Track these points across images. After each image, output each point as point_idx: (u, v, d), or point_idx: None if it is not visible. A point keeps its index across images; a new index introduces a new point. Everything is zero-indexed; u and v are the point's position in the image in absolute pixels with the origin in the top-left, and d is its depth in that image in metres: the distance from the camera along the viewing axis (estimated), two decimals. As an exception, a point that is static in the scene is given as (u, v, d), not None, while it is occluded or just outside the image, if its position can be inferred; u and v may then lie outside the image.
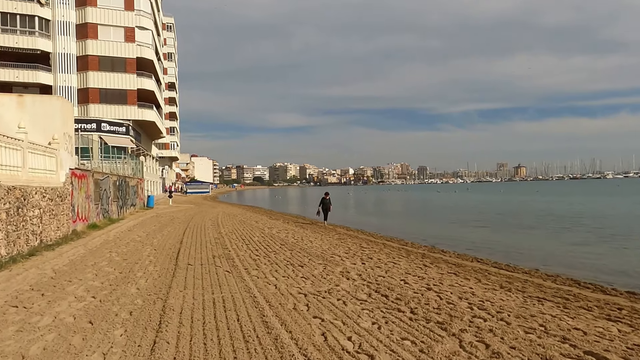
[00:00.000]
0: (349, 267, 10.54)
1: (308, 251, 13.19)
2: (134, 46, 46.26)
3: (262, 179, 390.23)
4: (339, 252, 13.23)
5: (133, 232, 18.27)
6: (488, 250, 16.13)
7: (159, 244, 14.52)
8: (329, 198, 23.60)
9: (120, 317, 6.36)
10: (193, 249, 13.49)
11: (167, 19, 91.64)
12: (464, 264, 12.01)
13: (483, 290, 8.33)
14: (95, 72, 44.72)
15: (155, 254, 12.39)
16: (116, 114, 45.11)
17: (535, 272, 11.20)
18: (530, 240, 19.37)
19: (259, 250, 13.19)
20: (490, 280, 9.53)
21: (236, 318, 6.29)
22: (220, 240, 15.57)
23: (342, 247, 14.51)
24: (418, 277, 9.51)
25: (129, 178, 30.84)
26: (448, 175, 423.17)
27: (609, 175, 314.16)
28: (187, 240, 15.65)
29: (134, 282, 8.73)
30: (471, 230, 23.54)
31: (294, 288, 8.24)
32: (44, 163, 13.98)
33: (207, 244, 14.54)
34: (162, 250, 13.23)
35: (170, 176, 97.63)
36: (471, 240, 19.04)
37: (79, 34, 44.24)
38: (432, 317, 6.40)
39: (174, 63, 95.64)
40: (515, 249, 16.44)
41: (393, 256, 12.75)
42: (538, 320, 6.35)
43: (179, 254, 12.42)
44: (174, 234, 17.62)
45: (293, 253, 12.78)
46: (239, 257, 11.93)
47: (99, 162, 27.98)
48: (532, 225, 25.71)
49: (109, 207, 23.72)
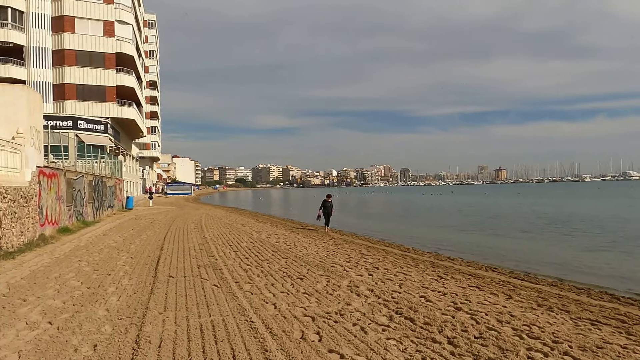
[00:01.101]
0: (355, 279, 9.20)
1: (305, 259, 11.81)
2: (114, 41, 44.34)
3: (245, 180, 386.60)
4: (339, 260, 11.88)
5: (108, 237, 16.67)
6: (496, 257, 14.96)
7: (137, 251, 12.99)
8: (331, 201, 20.92)
9: (81, 354, 4.92)
10: (175, 256, 12.01)
11: (148, 16, 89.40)
12: (480, 274, 10.76)
13: (520, 310, 7.06)
14: (72, 67, 42.68)
15: (131, 263, 10.89)
16: (94, 111, 43.12)
17: (561, 284, 10.01)
18: (535, 245, 18.30)
19: (250, 259, 11.76)
20: (521, 295, 8.27)
21: (231, 355, 4.90)
22: (205, 247, 14.09)
23: (340, 254, 13.16)
24: (438, 292, 8.21)
25: (107, 178, 29.07)
26: (430, 177, 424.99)
27: (587, 178, 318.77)
28: (169, 246, 14.14)
29: (104, 300, 7.27)
30: (469, 235, 22.42)
31: (298, 308, 6.87)
32: (4, 159, 12.35)
33: (190, 251, 13.06)
34: (139, 258, 11.73)
35: (151, 177, 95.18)
36: (474, 246, 17.89)
37: (55, 27, 42.16)
38: (480, 351, 5.09)
39: (156, 61, 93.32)
40: (524, 255, 15.30)
41: (400, 265, 11.44)
42: (610, 355, 5.10)
43: (159, 262, 10.94)
44: (153, 239, 16.08)
45: (288, 262, 11.39)
46: (227, 266, 10.50)
47: (75, 161, 26.29)
48: (529, 229, 24.72)
49: (84, 209, 22.01)
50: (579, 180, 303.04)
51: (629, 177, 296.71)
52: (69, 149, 27.08)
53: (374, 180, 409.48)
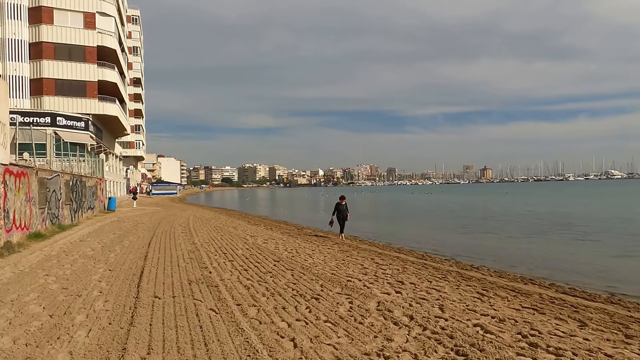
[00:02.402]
0: (383, 299, 7.57)
1: (313, 271, 10.14)
2: (95, 33, 42.20)
3: (231, 180, 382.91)
4: (353, 272, 10.25)
5: (86, 243, 14.82)
6: (520, 264, 13.47)
7: (117, 262, 11.21)
8: (345, 203, 18.23)
9: None
10: (161, 268, 10.27)
11: (132, 11, 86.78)
12: (522, 288, 9.19)
13: (611, 347, 5.49)
14: (51, 61, 40.49)
15: (109, 278, 9.13)
16: (74, 107, 40.91)
17: (630, 303, 8.42)
18: (551, 248, 16.90)
19: (249, 271, 10.07)
20: (594, 321, 6.68)
21: None
22: (195, 255, 12.35)
23: (352, 263, 11.53)
24: (492, 317, 6.61)
25: (86, 177, 27.05)
26: (417, 176, 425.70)
27: (570, 177, 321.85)
28: (154, 254, 12.38)
29: (68, 337, 5.54)
30: (477, 237, 20.94)
31: (325, 347, 5.22)
32: (-41, 155, 10.50)
33: (179, 261, 11.32)
34: (119, 271, 9.97)
35: (136, 176, 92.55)
36: (488, 250, 16.41)
37: (32, 18, 39.93)
38: None
39: (140, 58, 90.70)
40: (549, 262, 13.84)
41: (427, 278, 9.83)
42: None
43: (142, 277, 9.20)
44: (136, 246, 14.28)
45: (295, 275, 9.72)
46: (224, 282, 8.80)
47: (52, 160, 24.35)
48: (537, 230, 23.36)
49: (60, 211, 20.06)
50: (563, 180, 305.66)
51: (612, 177, 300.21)
52: (47, 147, 25.10)
53: (360, 179, 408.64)
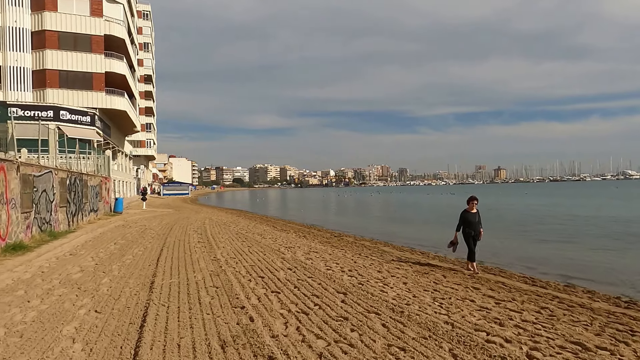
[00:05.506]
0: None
1: (411, 317, 6.54)
2: (102, 21, 39.00)
3: (242, 180, 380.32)
4: (467, 313, 6.68)
5: (76, 259, 11.40)
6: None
7: (110, 293, 7.73)
8: (477, 212, 11.00)
9: None
10: (174, 308, 6.77)
11: (143, 6, 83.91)
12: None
13: None
14: (54, 51, 37.35)
15: (90, 331, 5.66)
16: (79, 101, 37.75)
17: None
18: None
19: (311, 314, 6.50)
20: None
21: None
22: (222, 280, 8.81)
23: (458, 297, 7.94)
24: None
25: (88, 176, 23.73)
26: (429, 177, 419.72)
27: (587, 178, 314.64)
28: (163, 279, 8.88)
29: None
30: (552, 247, 17.29)
31: None
32: None
33: (200, 293, 7.79)
34: (110, 312, 6.50)
35: (147, 176, 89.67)
36: (586, 264, 12.79)
37: (34, 5, 36.87)
38: None
39: (151, 54, 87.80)
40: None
41: (586, 327, 6.21)
42: None
43: (145, 329, 5.71)
44: (141, 264, 10.82)
45: (389, 325, 6.12)
46: (280, 345, 5.27)
47: (56, 156, 21.45)
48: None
49: (52, 215, 16.70)
50: (579, 180, 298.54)
51: (629, 177, 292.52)
52: (49, 142, 21.97)
53: (372, 180, 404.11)
